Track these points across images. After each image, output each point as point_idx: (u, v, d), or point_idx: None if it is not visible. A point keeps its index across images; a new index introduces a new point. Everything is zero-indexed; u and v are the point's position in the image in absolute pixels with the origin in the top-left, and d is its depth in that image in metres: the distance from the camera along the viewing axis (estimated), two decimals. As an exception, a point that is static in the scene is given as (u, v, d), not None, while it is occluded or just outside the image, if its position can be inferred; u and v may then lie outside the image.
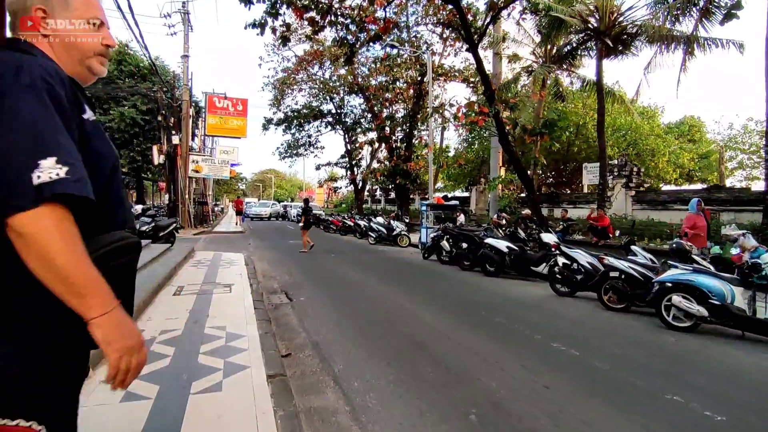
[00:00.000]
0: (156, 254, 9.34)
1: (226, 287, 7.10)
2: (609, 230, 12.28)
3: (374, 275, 9.74)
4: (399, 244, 16.85)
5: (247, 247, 14.96)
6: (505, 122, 12.38)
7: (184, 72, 19.46)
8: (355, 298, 7.29)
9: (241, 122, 23.97)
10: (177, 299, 6.15)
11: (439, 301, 7.26)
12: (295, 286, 8.09)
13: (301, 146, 34.98)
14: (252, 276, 8.41)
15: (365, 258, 13.05)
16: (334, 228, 24.23)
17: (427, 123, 19.87)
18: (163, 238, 12.41)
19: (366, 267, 11.10)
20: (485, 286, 8.94)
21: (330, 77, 27.50)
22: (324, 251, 14.54)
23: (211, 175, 20.81)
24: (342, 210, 43.72)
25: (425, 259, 12.99)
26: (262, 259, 11.86)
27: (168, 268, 8.08)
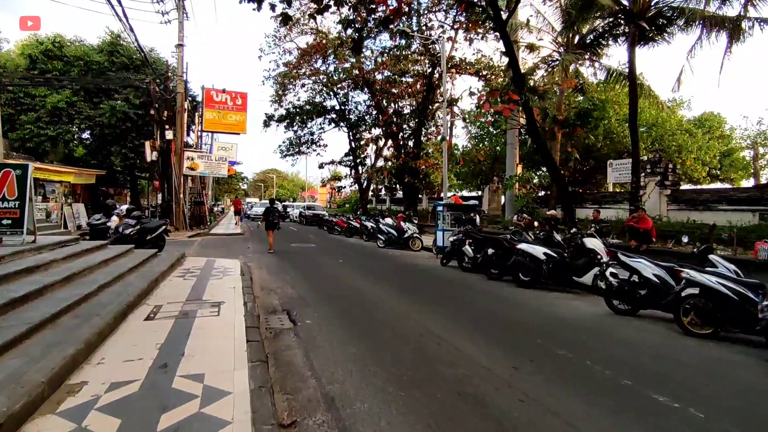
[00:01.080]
0: (137, 262, 7.99)
1: (213, 307, 5.74)
2: (652, 233, 10.89)
3: (391, 287, 8.36)
4: (411, 248, 15.48)
5: (245, 251, 13.61)
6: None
7: (179, 62, 18.12)
8: (373, 320, 5.91)
9: (241, 117, 22.65)
10: (148, 326, 4.78)
11: (478, 325, 5.87)
12: (300, 303, 6.73)
13: (303, 144, 33.63)
14: (248, 290, 7.05)
15: (376, 264, 11.68)
16: (339, 229, 22.87)
17: (442, 114, 18.43)
18: (150, 243, 11.06)
19: (379, 276, 9.73)
20: (524, 300, 7.56)
21: (335, 69, 26.04)
22: (330, 256, 13.18)
23: (207, 172, 19.48)
24: (345, 210, 42.37)
25: (444, 265, 11.62)
26: (260, 266, 10.50)
27: (147, 280, 6.72)
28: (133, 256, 8.69)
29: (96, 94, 20.49)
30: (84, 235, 11.02)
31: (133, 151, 20.32)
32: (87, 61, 20.22)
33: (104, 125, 19.48)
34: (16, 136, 19.08)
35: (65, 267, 6.33)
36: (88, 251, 7.79)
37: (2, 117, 19.71)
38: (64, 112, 19.34)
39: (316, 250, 14.60)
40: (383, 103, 25.92)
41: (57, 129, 19.26)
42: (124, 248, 8.96)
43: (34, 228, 7.09)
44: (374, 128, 27.58)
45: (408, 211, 16.70)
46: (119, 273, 6.81)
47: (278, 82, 29.62)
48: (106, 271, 6.82)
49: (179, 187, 18.07)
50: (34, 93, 19.36)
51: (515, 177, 19.19)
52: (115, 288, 6.08)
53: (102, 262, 7.22)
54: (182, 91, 18.12)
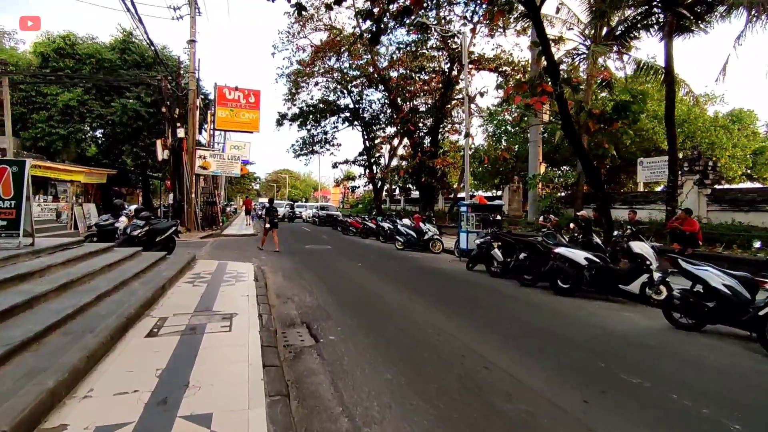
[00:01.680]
0: (143, 267, 7.40)
1: (225, 319, 5.08)
2: (699, 236, 10.00)
3: (417, 294, 7.64)
4: (431, 250, 14.74)
5: (258, 253, 13.00)
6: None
7: (191, 58, 17.63)
8: (405, 336, 5.20)
9: (254, 115, 22.14)
10: (149, 345, 4.13)
11: (526, 342, 5.12)
12: (320, 314, 6.05)
13: (317, 143, 33.10)
14: (262, 298, 6.39)
15: (398, 268, 10.97)
16: (354, 230, 22.20)
17: (463, 110, 17.65)
18: (159, 245, 10.50)
19: (402, 281, 9.01)
20: (568, 311, 6.78)
21: (350, 66, 25.35)
22: (347, 258, 12.51)
23: (220, 171, 18.96)
24: (358, 210, 41.77)
25: (470, 269, 10.85)
26: (275, 269, 9.87)
27: (153, 287, 6.10)
28: (139, 260, 8.11)
29: (108, 93, 20.15)
30: (92, 237, 10.51)
31: (145, 150, 19.94)
32: (99, 58, 19.89)
33: (115, 124, 19.13)
34: (27, 135, 18.81)
35: (63, 273, 5.74)
36: (91, 255, 7.22)
37: (14, 116, 19.47)
38: (76, 110, 19.02)
39: (331, 252, 13.95)
40: (399, 100, 25.19)
41: (68, 128, 18.94)
42: (130, 251, 8.39)
43: (33, 230, 6.53)
44: (389, 126, 26.81)
45: (427, 212, 15.96)
46: (123, 279, 6.20)
47: (291, 80, 29.13)
48: (108, 277, 6.22)
49: (191, 186, 17.58)
50: (46, 91, 19.08)
51: (538, 176, 18.33)
52: (116, 297, 5.46)
53: (105, 267, 6.63)
54: (194, 88, 17.63)
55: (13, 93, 18.92)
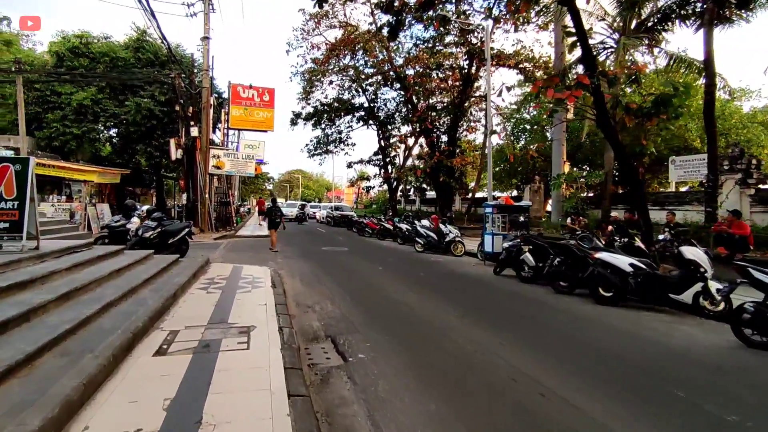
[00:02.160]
0: (154, 271, 6.93)
1: (242, 334, 4.56)
2: (750, 240, 9.23)
3: (447, 302, 7.05)
4: (453, 253, 14.11)
5: (274, 255, 12.54)
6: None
7: (205, 55, 17.27)
8: (444, 355, 4.62)
9: (268, 114, 21.74)
10: (157, 366, 3.62)
11: (579, 362, 4.49)
12: (345, 326, 5.50)
13: (331, 143, 32.63)
14: (281, 307, 5.87)
15: (421, 272, 10.38)
16: (370, 231, 21.66)
17: (486, 106, 16.99)
18: (172, 247, 10.08)
19: (428, 287, 8.42)
20: (618, 324, 6.12)
21: (365, 63, 24.73)
22: (367, 261, 11.97)
23: (234, 171, 18.58)
24: (372, 211, 41.28)
25: (497, 274, 10.21)
26: (292, 273, 9.36)
27: (164, 296, 5.61)
28: (151, 264, 7.66)
29: (122, 92, 19.95)
30: (103, 238, 10.13)
31: (159, 149, 19.68)
32: (113, 57, 19.68)
33: (129, 123, 18.88)
34: (42, 134, 18.66)
35: (67, 280, 5.29)
36: (99, 259, 6.78)
37: (29, 115, 19.36)
38: (89, 109, 18.82)
39: (349, 255, 13.42)
40: (415, 98, 24.58)
41: (82, 127, 18.74)
42: (141, 254, 7.95)
43: (37, 232, 6.10)
44: (405, 125, 26.20)
45: (448, 213, 15.34)
46: (132, 286, 5.73)
47: (305, 79, 28.69)
48: (116, 284, 5.75)
49: (205, 186, 17.22)
50: (61, 91, 18.92)
51: (563, 175, 17.57)
52: (123, 307, 4.98)
53: (114, 273, 6.17)
54: (208, 86, 17.27)
55: (29, 93, 18.80)
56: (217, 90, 22.66)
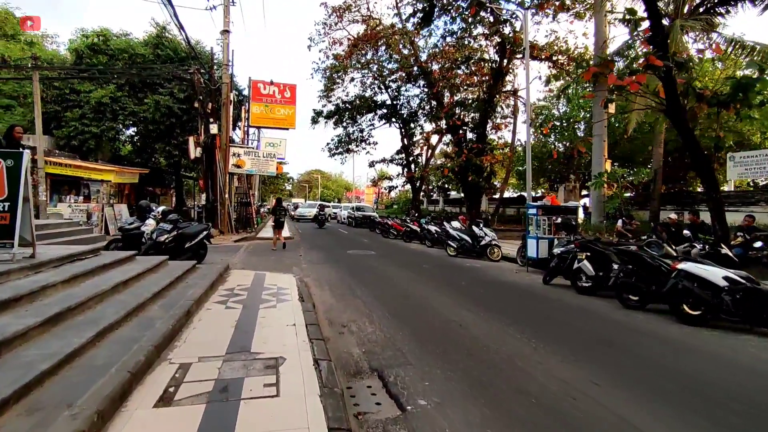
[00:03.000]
0: (167, 282, 6.07)
1: (268, 369, 3.61)
2: None
3: (507, 322, 5.99)
4: (490, 258, 13.01)
5: (298, 259, 11.66)
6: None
7: (224, 49, 16.54)
8: (528, 401, 3.57)
9: (290, 111, 20.98)
10: (158, 425, 2.69)
11: (697, 408, 3.39)
12: (392, 354, 4.51)
13: (352, 142, 31.78)
14: (313, 328, 4.92)
15: (462, 281, 9.32)
16: (395, 233, 20.68)
17: (524, 97, 15.83)
18: (189, 251, 9.27)
19: (476, 300, 7.35)
20: (719, 351, 4.97)
21: (389, 57, 23.63)
22: (397, 266, 10.97)
23: (255, 170, 17.81)
24: (393, 212, 40.29)
25: (547, 283, 9.10)
26: (320, 282, 8.43)
27: (175, 315, 4.72)
28: (164, 273, 6.82)
29: (141, 89, 19.42)
30: (116, 242, 9.39)
31: (178, 148, 19.09)
32: (131, 54, 19.16)
33: (148, 121, 18.31)
34: (61, 133, 18.25)
35: (62, 296, 4.44)
36: (105, 268, 5.95)
37: (48, 114, 18.99)
38: (108, 107, 18.33)
39: (378, 259, 12.45)
40: (442, 94, 23.47)
41: (101, 126, 18.26)
42: (154, 261, 7.12)
43: (33, 238, 5.27)
44: (429, 122, 25.09)
45: (485, 215, 14.22)
46: (139, 302, 4.86)
47: (326, 76, 27.87)
48: (121, 300, 4.89)
49: (225, 186, 16.49)
50: (80, 89, 18.49)
51: (605, 174, 16.22)
52: (125, 331, 4.10)
53: (120, 285, 5.32)
54: (228, 81, 16.54)
55: (48, 91, 18.44)
56: (237, 87, 21.99)
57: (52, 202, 14.80)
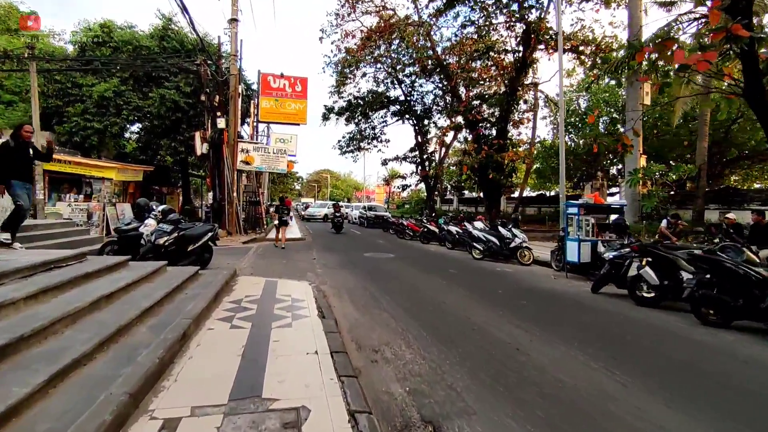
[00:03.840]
0: (162, 294, 5.09)
1: (287, 428, 2.58)
2: None
3: (567, 342, 4.91)
4: (520, 261, 11.91)
5: (312, 263, 10.66)
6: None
7: (232, 39, 15.59)
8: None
9: (301, 105, 20.01)
10: None
11: None
12: (444, 392, 3.45)
13: (364, 139, 30.76)
14: (341, 359, 3.89)
15: (499, 289, 8.23)
16: (411, 234, 19.61)
17: (558, 84, 14.69)
18: (192, 256, 8.30)
19: (524, 314, 6.26)
20: None
21: (407, 46, 22.47)
22: (421, 270, 9.91)
23: (264, 167, 16.84)
24: (405, 211, 39.23)
25: (596, 292, 7.99)
26: (339, 290, 7.41)
27: (166, 342, 3.72)
28: (160, 282, 5.83)
29: (146, 83, 18.57)
30: (112, 245, 8.45)
31: (184, 144, 18.21)
32: (136, 46, 18.31)
33: (153, 116, 17.43)
34: (62, 129, 17.45)
35: (20, 318, 3.46)
36: (90, 277, 4.98)
37: (50, 109, 18.20)
38: (111, 102, 17.49)
39: (398, 263, 11.40)
40: (460, 87, 22.36)
41: (104, 121, 17.43)
42: (150, 268, 6.14)
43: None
44: (445, 118, 23.95)
45: (516, 213, 13.12)
46: (122, 324, 3.87)
47: (338, 71, 26.87)
48: (99, 321, 3.90)
49: (232, 184, 15.54)
50: (82, 83, 17.68)
51: (640, 170, 15.01)
52: (95, 369, 3.09)
53: (102, 300, 4.34)
54: (236, 73, 15.59)
55: (49, 85, 17.66)
56: (246, 81, 21.06)
57: (50, 201, 13.96)
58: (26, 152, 6.81)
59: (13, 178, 6.57)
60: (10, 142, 6.62)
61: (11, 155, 6.53)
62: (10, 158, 6.50)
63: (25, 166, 6.77)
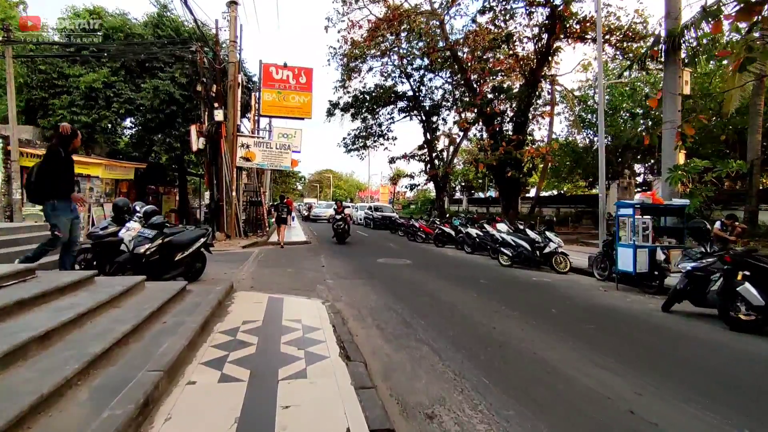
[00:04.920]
0: (131, 325, 3.72)
1: None
2: None
3: (674, 386, 3.52)
4: (556, 269, 10.53)
5: (321, 272, 9.28)
6: None
7: (232, 24, 14.22)
8: None
9: (305, 98, 18.62)
10: None
11: None
12: None
13: (370, 137, 29.39)
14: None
15: (545, 304, 6.83)
16: (423, 236, 18.25)
17: (599, 40, 13.34)
18: (180, 267, 6.93)
19: (593, 341, 4.87)
20: None
21: (418, 34, 21.02)
22: (449, 282, 8.49)
23: (266, 164, 15.38)
24: (411, 211, 37.87)
25: (667, 311, 6.61)
26: (359, 311, 6.03)
27: (110, 425, 2.33)
28: (131, 307, 4.46)
29: (139, 74, 17.22)
30: (85, 253, 7.08)
31: (180, 140, 16.84)
32: (128, 33, 16.95)
33: (146, 109, 16.07)
34: (47, 123, 16.10)
35: None
36: (24, 306, 3.61)
37: (33, 101, 16.86)
38: (101, 94, 16.13)
39: (419, 272, 10.00)
40: (475, 80, 20.95)
41: (92, 114, 16.07)
42: (121, 286, 4.77)
43: None
44: (462, 112, 22.53)
45: (548, 217, 11.73)
46: (48, 389, 2.49)
47: (344, 63, 25.49)
48: (15, 381, 2.52)
49: (231, 182, 14.17)
50: (69, 73, 16.32)
51: (682, 167, 13.56)
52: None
53: (33, 342, 2.98)
54: (235, 61, 14.22)
55: (33, 75, 16.33)
56: (247, 73, 19.69)
57: (29, 202, 12.57)
58: (72, 165, 5.62)
59: (59, 198, 5.35)
60: (60, 150, 5.31)
61: (59, 167, 5.30)
62: (58, 171, 5.28)
63: (70, 183, 5.59)
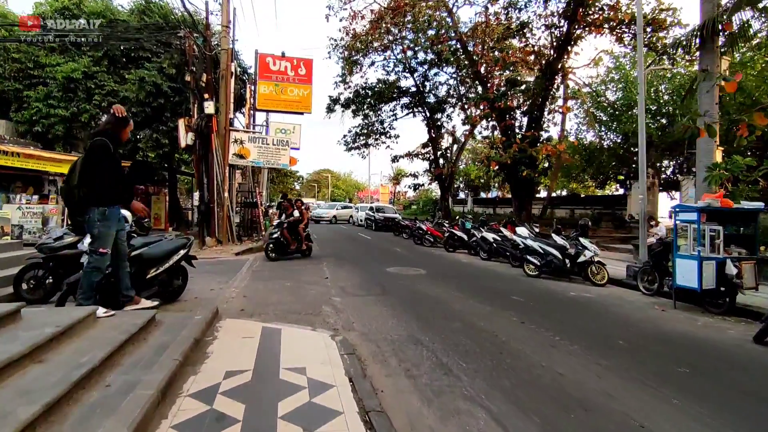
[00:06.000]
0: (43, 404, 2.34)
1: None
2: None
3: None
4: (593, 281, 9.24)
5: (325, 286, 7.94)
6: None
7: (224, 6, 12.87)
8: None
9: (305, 91, 17.27)
10: None
11: None
12: None
13: (372, 134, 28.07)
14: None
15: (610, 333, 5.51)
16: (431, 240, 16.95)
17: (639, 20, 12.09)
18: (153, 285, 5.58)
19: (702, 399, 3.56)
20: None
21: (427, 21, 19.64)
22: (472, 295, 7.15)
23: (262, 162, 13.96)
24: (413, 212, 36.59)
25: (760, 343, 5.31)
26: (379, 347, 4.70)
27: None
28: (60, 360, 3.10)
29: (124, 65, 15.82)
30: (35, 269, 5.73)
31: (168, 136, 15.46)
32: (111, 19, 15.55)
33: (131, 102, 14.68)
34: (20, 117, 14.70)
35: None
36: None
37: (7, 93, 15.38)
38: (81, 85, 14.73)
39: (439, 285, 8.64)
40: (485, 72, 19.65)
41: (71, 108, 14.67)
42: (54, 327, 3.41)
43: None
44: (473, 107, 21.24)
45: (584, 221, 10.45)
46: None
47: (344, 56, 24.18)
48: None
49: (223, 181, 12.81)
50: (45, 62, 14.92)
51: (721, 166, 12.29)
52: None
53: None
54: (228, 48, 12.88)
55: (5, 64, 14.92)
56: (242, 65, 18.31)
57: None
58: (120, 162, 4.56)
59: (112, 203, 4.35)
60: (109, 145, 4.23)
61: (110, 164, 4.28)
62: (108, 169, 4.27)
63: (126, 186, 4.63)
